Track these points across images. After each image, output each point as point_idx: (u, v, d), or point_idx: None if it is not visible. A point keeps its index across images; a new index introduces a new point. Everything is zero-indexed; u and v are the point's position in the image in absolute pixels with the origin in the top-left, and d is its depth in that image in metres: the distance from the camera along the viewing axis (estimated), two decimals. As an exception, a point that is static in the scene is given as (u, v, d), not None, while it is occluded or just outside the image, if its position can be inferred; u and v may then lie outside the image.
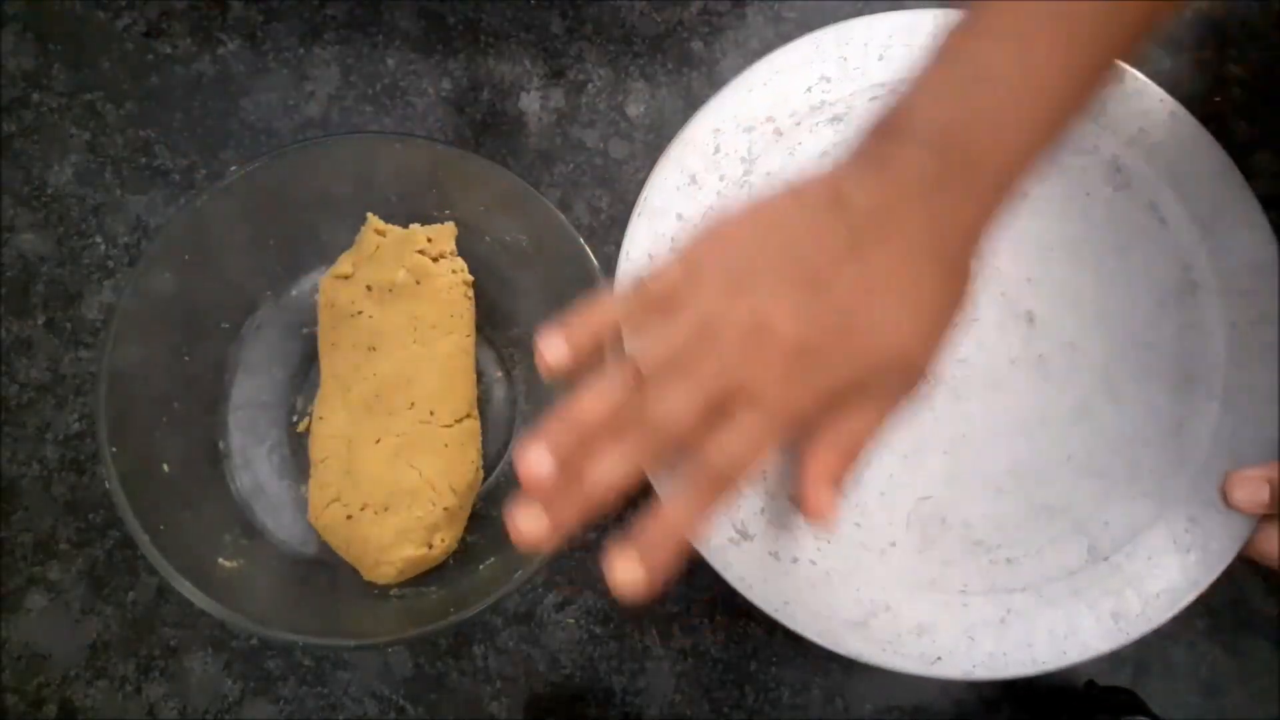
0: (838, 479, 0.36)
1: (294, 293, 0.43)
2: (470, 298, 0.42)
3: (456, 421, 0.40)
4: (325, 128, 0.48)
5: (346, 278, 0.41)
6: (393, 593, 0.39)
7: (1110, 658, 0.41)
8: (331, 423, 0.40)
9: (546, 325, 0.35)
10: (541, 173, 0.48)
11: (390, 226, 0.41)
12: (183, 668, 0.43)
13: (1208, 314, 0.44)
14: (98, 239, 0.47)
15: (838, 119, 0.46)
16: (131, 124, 0.48)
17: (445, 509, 0.39)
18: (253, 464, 0.41)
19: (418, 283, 0.40)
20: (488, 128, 0.48)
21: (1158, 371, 0.44)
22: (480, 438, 0.41)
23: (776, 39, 0.49)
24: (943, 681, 0.42)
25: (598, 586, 0.44)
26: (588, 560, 0.44)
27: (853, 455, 0.36)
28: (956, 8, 0.35)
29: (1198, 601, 0.41)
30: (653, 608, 0.44)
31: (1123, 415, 0.44)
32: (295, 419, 0.43)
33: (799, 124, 0.46)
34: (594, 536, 0.45)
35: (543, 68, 0.49)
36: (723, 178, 0.46)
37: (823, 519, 0.36)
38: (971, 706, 0.44)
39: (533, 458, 0.34)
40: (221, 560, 0.37)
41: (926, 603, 0.42)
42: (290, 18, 0.49)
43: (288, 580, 0.40)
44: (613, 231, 0.46)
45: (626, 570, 0.34)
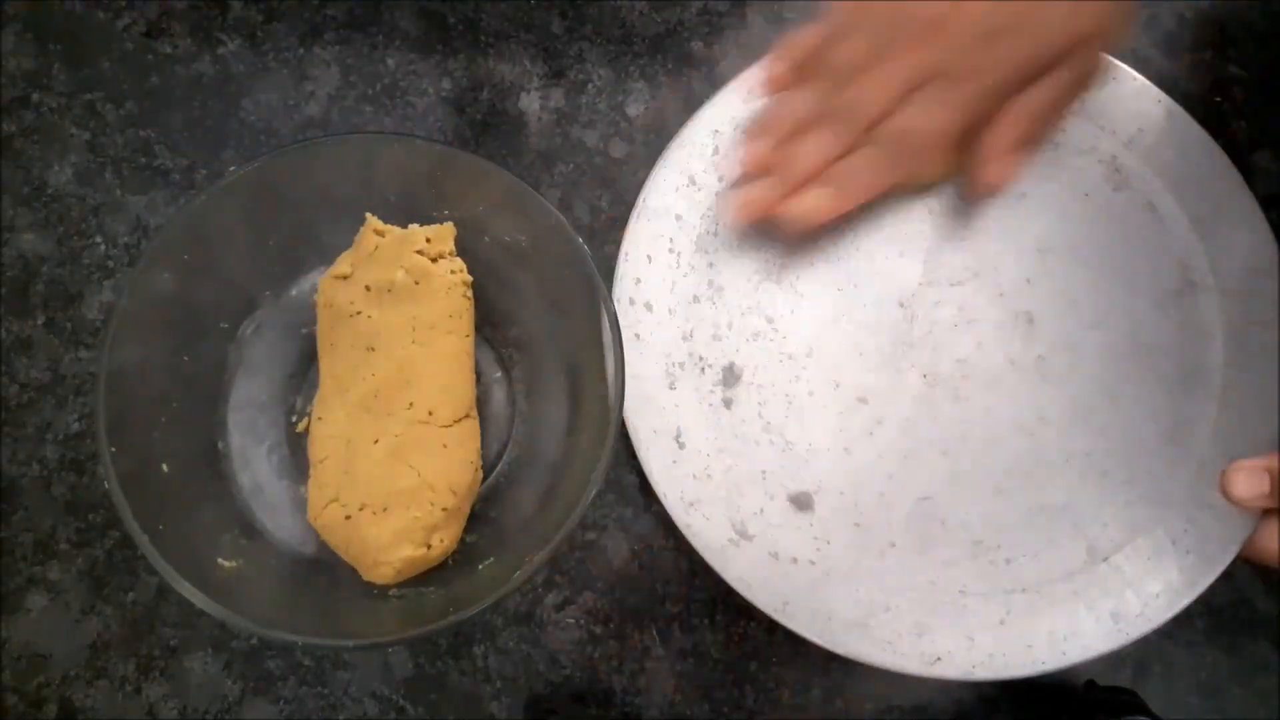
0: (1017, 151, 0.40)
1: (293, 293, 0.43)
2: (469, 298, 0.42)
3: (455, 422, 0.40)
4: (325, 128, 0.48)
5: (345, 278, 0.41)
6: (391, 593, 0.39)
7: (1110, 658, 0.42)
8: (330, 423, 0.40)
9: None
10: (541, 173, 0.48)
11: (389, 227, 0.41)
12: (183, 668, 0.43)
13: (1206, 314, 0.44)
14: (98, 239, 0.47)
15: None
16: (131, 124, 0.48)
17: (444, 509, 0.39)
18: (252, 464, 0.41)
19: (416, 283, 0.40)
20: (488, 128, 0.48)
21: (1156, 372, 0.44)
22: (479, 438, 0.41)
23: (777, 39, 0.49)
24: (942, 681, 0.42)
25: (598, 586, 0.44)
26: (588, 560, 0.44)
27: (1033, 131, 0.40)
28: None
29: (1198, 601, 0.42)
30: (653, 608, 0.44)
31: (1121, 416, 0.44)
32: (294, 419, 0.43)
33: None
34: (594, 537, 0.45)
35: (543, 68, 0.49)
36: (721, 179, 0.46)
37: (997, 185, 0.40)
38: (971, 706, 0.44)
39: (749, 149, 0.41)
40: (221, 560, 0.37)
41: (926, 603, 0.42)
42: (290, 18, 0.49)
43: (287, 580, 0.39)
44: (613, 231, 0.46)
45: (819, 196, 0.40)
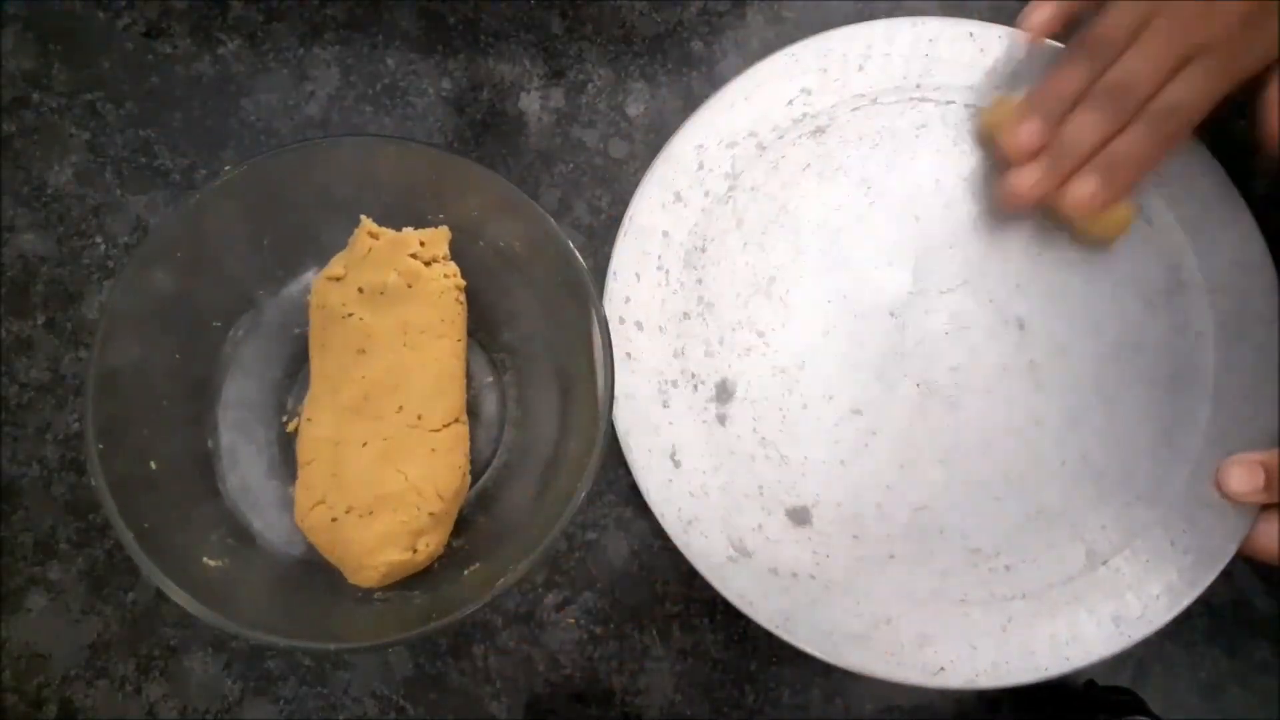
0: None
1: (287, 293, 0.43)
2: (462, 302, 0.41)
3: (445, 426, 0.40)
4: (325, 128, 0.48)
5: (338, 279, 0.41)
6: (377, 596, 0.39)
7: (1111, 658, 0.41)
8: (319, 425, 0.40)
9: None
10: (541, 173, 0.48)
11: (383, 229, 0.40)
12: (183, 668, 0.43)
13: (1197, 314, 0.44)
14: (98, 239, 0.47)
15: (820, 130, 0.46)
16: (131, 124, 0.48)
17: (430, 514, 0.39)
18: (242, 464, 0.41)
19: (409, 286, 0.40)
20: (488, 128, 0.48)
21: (1149, 373, 0.44)
22: (469, 443, 0.41)
23: (776, 39, 0.49)
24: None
25: (597, 586, 0.44)
26: (588, 560, 0.44)
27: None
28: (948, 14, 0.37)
29: (1198, 602, 0.42)
30: (653, 608, 0.44)
31: (1115, 418, 0.44)
32: (286, 419, 0.43)
33: (781, 137, 0.46)
34: (594, 537, 0.45)
35: (543, 68, 0.49)
36: (707, 194, 0.46)
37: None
38: (972, 706, 0.44)
39: (1025, 129, 0.42)
40: (206, 559, 0.37)
41: (927, 613, 0.42)
42: (290, 18, 0.49)
43: (272, 581, 0.39)
44: (612, 231, 0.46)
45: (1086, 184, 0.42)
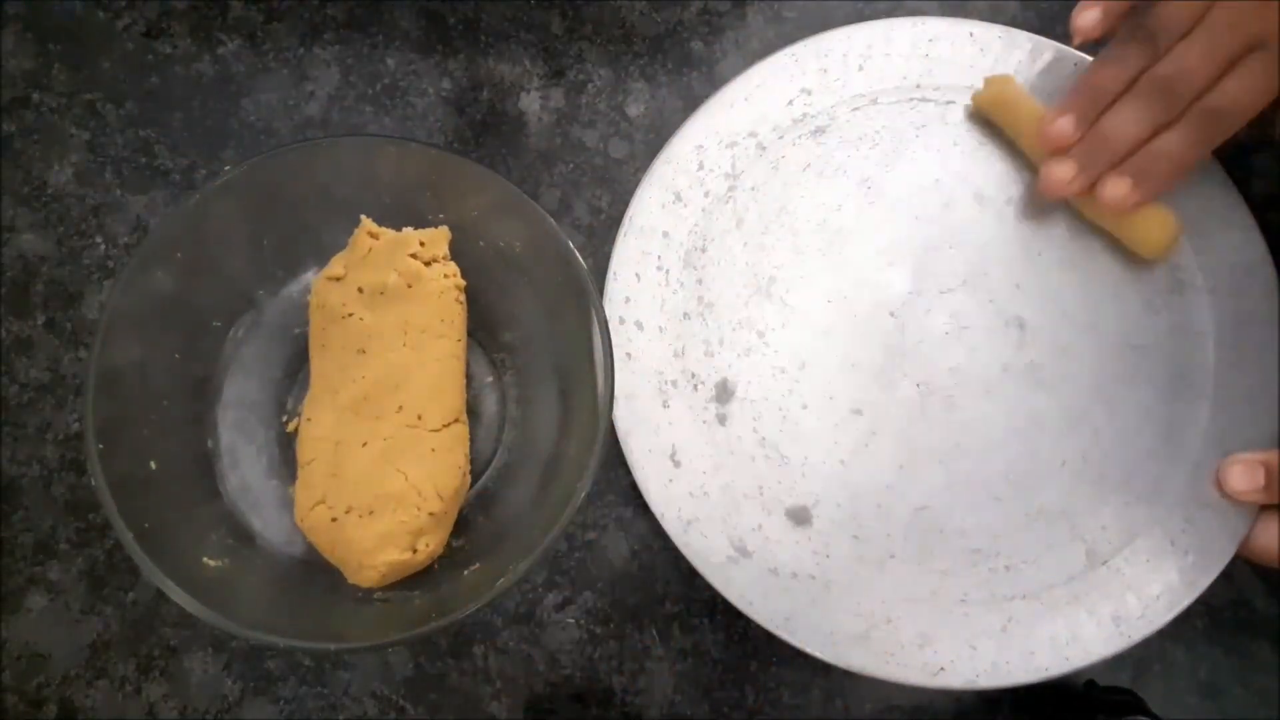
0: None
1: (287, 293, 0.43)
2: (462, 302, 0.41)
3: (444, 426, 0.40)
4: (325, 128, 0.48)
5: (338, 279, 0.41)
6: (377, 596, 0.39)
7: (1110, 658, 0.41)
8: (319, 425, 0.40)
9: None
10: (541, 173, 0.48)
11: (383, 229, 0.40)
12: (183, 668, 0.43)
13: (1197, 314, 0.44)
14: (98, 239, 0.47)
15: (820, 130, 0.46)
16: (131, 124, 0.48)
17: (430, 514, 0.39)
18: (242, 464, 0.41)
19: (409, 286, 0.40)
20: (488, 128, 0.48)
21: (1149, 373, 0.44)
22: (469, 443, 0.41)
23: (777, 39, 0.49)
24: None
25: (597, 586, 0.44)
26: (588, 560, 0.44)
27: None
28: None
29: (1197, 602, 0.42)
30: (652, 608, 0.44)
31: (1116, 418, 0.44)
32: (286, 419, 0.43)
33: (781, 137, 0.46)
34: (594, 537, 0.45)
35: (543, 68, 0.49)
36: (707, 194, 0.46)
37: None
38: (971, 706, 0.44)
39: (1060, 124, 0.41)
40: (206, 559, 0.37)
41: (927, 613, 0.42)
42: (290, 18, 0.49)
43: (273, 581, 0.39)
44: (613, 231, 0.46)
45: (1117, 185, 0.41)
